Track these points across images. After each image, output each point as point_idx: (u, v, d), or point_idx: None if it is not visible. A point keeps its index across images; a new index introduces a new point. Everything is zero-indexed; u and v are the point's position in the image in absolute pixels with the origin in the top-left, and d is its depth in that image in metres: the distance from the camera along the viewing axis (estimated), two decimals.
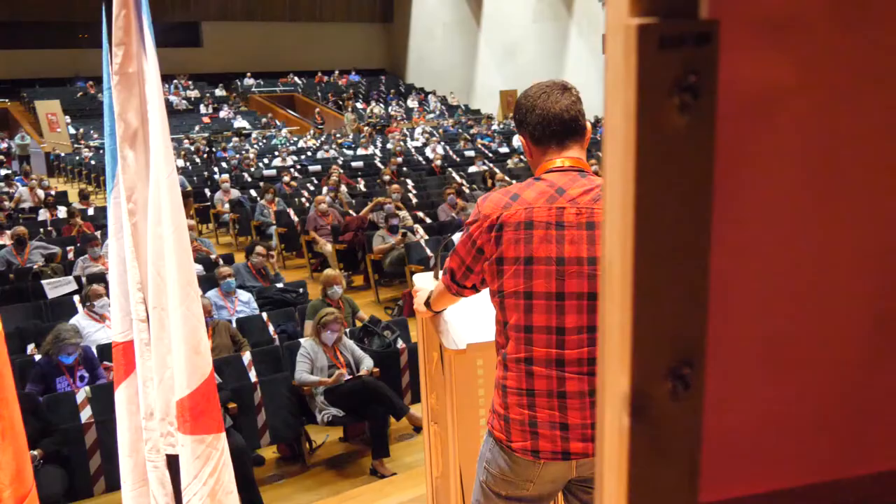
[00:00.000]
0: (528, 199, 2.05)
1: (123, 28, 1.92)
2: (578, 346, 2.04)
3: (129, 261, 2.01)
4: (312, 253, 10.81)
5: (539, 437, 2.07)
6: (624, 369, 0.46)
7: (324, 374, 5.59)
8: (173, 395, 1.99)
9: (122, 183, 1.99)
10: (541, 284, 2.03)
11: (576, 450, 2.07)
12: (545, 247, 2.02)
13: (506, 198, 2.09)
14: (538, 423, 2.07)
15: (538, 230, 2.03)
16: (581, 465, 2.11)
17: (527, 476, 2.12)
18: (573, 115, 2.12)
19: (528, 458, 2.09)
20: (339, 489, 5.12)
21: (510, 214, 2.05)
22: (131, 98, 1.97)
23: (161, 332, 1.98)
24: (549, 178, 2.09)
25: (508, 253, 2.05)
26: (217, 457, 2.01)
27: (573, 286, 2.02)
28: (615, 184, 0.44)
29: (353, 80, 33.98)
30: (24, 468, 1.79)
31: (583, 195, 2.05)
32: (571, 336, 2.04)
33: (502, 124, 26.31)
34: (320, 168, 16.44)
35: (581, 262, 2.02)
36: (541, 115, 2.10)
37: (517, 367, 2.08)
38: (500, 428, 2.14)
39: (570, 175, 2.09)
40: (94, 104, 28.27)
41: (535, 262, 2.03)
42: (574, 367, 2.05)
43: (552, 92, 2.11)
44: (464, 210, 10.86)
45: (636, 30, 0.41)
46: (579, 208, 2.04)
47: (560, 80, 2.17)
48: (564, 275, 2.02)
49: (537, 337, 2.05)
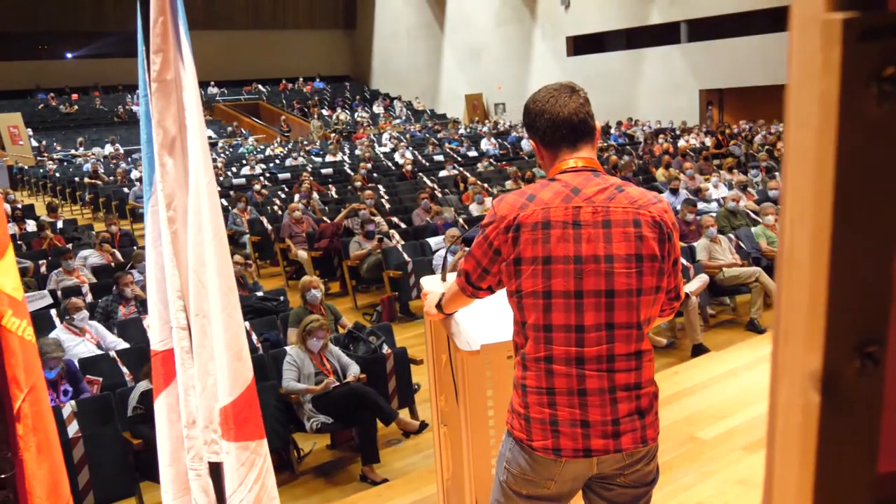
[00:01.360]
0: (544, 200, 2.08)
1: (161, 35, 1.90)
2: (598, 344, 2.07)
3: (169, 269, 2.00)
4: (287, 261, 10.75)
5: (560, 436, 2.09)
6: (814, 349, 0.48)
7: (311, 382, 5.57)
8: (216, 403, 1.98)
9: (160, 191, 1.98)
10: (559, 283, 2.05)
11: (597, 447, 2.09)
12: (563, 246, 2.05)
13: (522, 199, 2.11)
14: (559, 421, 2.09)
15: (555, 230, 2.05)
16: (602, 462, 2.13)
17: (548, 475, 2.14)
18: (582, 118, 2.15)
19: (549, 456, 2.11)
20: (329, 497, 5.10)
21: (527, 215, 2.07)
22: (169, 105, 1.96)
23: (203, 339, 1.97)
24: (564, 178, 2.13)
25: (526, 253, 2.07)
26: (261, 463, 2.00)
27: (591, 284, 2.05)
28: (807, 171, 0.46)
29: (317, 87, 33.89)
30: (60, 482, 1.77)
31: (598, 194, 2.08)
32: (590, 334, 2.06)
33: (469, 128, 26.39)
34: (290, 176, 16.37)
35: (598, 261, 2.05)
36: (550, 119, 2.14)
37: (537, 366, 2.10)
38: (521, 427, 2.15)
39: (583, 175, 2.12)
40: (55, 116, 27.89)
41: (553, 261, 2.05)
42: (594, 365, 2.07)
43: (560, 96, 2.14)
44: (439, 214, 10.87)
45: (840, 23, 0.44)
46: (595, 207, 2.07)
47: (567, 82, 2.19)
48: (582, 273, 2.05)
49: (556, 336, 2.07)
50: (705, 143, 18.98)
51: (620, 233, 2.06)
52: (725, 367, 6.15)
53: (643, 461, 2.17)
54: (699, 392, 5.64)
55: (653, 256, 2.08)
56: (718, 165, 14.40)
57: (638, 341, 2.11)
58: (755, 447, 4.66)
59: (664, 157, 15.60)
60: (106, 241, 9.95)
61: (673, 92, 23.99)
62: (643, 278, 2.08)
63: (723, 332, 7.76)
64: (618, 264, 2.05)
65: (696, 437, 4.86)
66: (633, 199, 2.10)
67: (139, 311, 7.22)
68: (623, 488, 2.20)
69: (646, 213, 2.09)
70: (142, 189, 11.44)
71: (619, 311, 2.07)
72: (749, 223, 9.23)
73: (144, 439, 4.87)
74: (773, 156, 15.77)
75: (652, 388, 2.17)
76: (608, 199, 2.08)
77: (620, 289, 2.06)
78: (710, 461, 4.52)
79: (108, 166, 20.04)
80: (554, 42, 27.69)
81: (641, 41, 25.56)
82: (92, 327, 6.49)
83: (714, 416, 5.16)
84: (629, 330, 2.09)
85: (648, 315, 2.13)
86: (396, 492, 4.56)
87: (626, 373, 2.10)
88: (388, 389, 6.03)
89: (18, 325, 1.70)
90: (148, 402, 4.99)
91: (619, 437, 2.09)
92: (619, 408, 2.09)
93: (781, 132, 19.62)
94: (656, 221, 2.10)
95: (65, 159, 23.29)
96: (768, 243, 8.31)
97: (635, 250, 2.07)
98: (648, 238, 2.08)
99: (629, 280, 2.06)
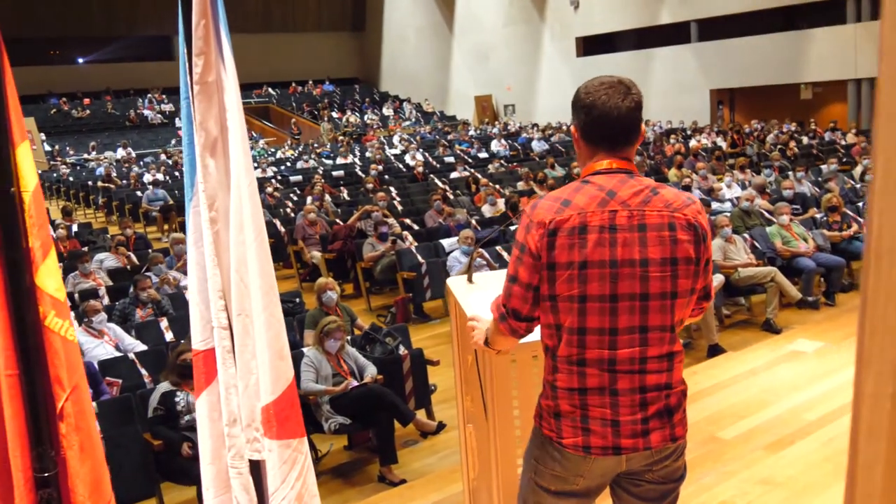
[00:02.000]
0: (580, 204, 2.07)
1: (203, 38, 1.92)
2: (630, 346, 2.07)
3: (211, 269, 2.02)
4: (301, 263, 10.79)
5: (590, 434, 2.11)
6: None
7: (328, 383, 5.59)
8: (258, 401, 2.00)
9: (202, 192, 2.00)
10: (595, 288, 2.05)
11: (626, 445, 2.11)
12: (599, 251, 2.04)
13: (557, 203, 2.09)
14: (589, 419, 2.11)
15: (592, 234, 2.04)
16: (630, 459, 2.14)
17: (577, 471, 2.16)
18: (630, 124, 2.11)
19: (578, 453, 2.12)
20: (348, 497, 5.11)
21: (563, 219, 2.06)
22: (211, 107, 1.98)
23: (245, 338, 1.99)
24: (597, 181, 2.11)
25: (561, 258, 2.06)
26: (302, 461, 2.02)
27: (626, 287, 2.05)
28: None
29: (327, 89, 33.96)
30: (101, 480, 1.79)
31: (633, 197, 2.08)
32: (623, 336, 2.07)
33: (479, 129, 26.40)
34: (301, 178, 16.41)
35: (634, 265, 2.05)
36: (597, 116, 2.10)
37: (569, 367, 2.11)
38: (551, 426, 2.17)
39: (618, 177, 2.11)
40: (67, 121, 28.05)
41: (589, 266, 2.04)
42: (626, 366, 2.08)
43: (613, 94, 2.08)
44: (451, 215, 10.88)
45: None
46: (631, 211, 2.06)
47: (625, 79, 2.13)
48: (618, 277, 2.05)
49: (590, 339, 2.08)
50: (717, 143, 18.94)
51: (655, 236, 2.06)
52: (745, 366, 6.14)
53: (671, 457, 2.18)
54: (719, 392, 5.63)
55: (688, 259, 2.09)
56: (731, 165, 14.35)
57: (670, 343, 2.11)
58: (776, 447, 4.66)
59: (676, 157, 15.58)
60: (121, 244, 10.01)
61: (683, 92, 23.95)
62: (678, 281, 2.08)
63: (738, 332, 7.74)
64: (653, 268, 2.05)
65: (716, 437, 4.86)
66: (667, 201, 2.10)
67: (156, 313, 7.26)
68: (651, 484, 2.21)
69: (680, 216, 2.09)
70: (154, 192, 11.54)
71: (652, 315, 2.07)
72: (763, 223, 9.21)
73: (165, 440, 4.90)
74: (785, 155, 15.73)
75: (681, 386, 2.18)
76: (643, 203, 2.07)
77: (655, 292, 2.06)
78: (731, 461, 4.52)
79: (121, 170, 20.13)
80: (563, 43, 27.68)
81: (651, 41, 25.53)
82: (110, 329, 6.53)
83: (734, 416, 5.16)
84: (662, 333, 2.09)
85: (681, 317, 2.14)
86: (418, 492, 4.57)
87: (658, 374, 2.11)
88: (404, 390, 6.04)
89: (61, 325, 1.72)
90: (168, 403, 5.03)
91: (649, 435, 2.11)
92: (648, 408, 2.10)
93: (794, 131, 19.55)
94: (691, 224, 2.09)
95: (77, 163, 23.42)
96: (784, 243, 8.29)
97: (670, 254, 2.07)
98: (683, 241, 2.07)
99: (664, 284, 2.06)
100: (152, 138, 27.67)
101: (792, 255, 8.20)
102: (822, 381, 5.67)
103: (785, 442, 4.73)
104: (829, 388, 5.53)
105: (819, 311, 7.97)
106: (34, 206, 1.74)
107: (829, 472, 4.31)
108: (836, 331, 6.95)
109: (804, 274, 8.09)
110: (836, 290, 8.29)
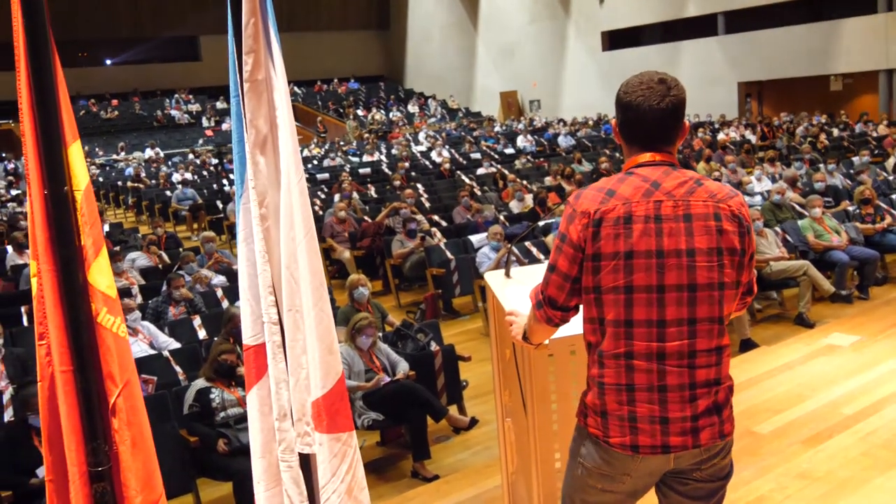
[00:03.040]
0: (624, 195, 2.06)
1: (253, 36, 1.94)
2: (679, 339, 2.05)
3: (261, 264, 2.04)
4: (330, 260, 10.84)
5: (639, 432, 2.08)
6: None
7: (361, 379, 5.61)
8: (309, 396, 2.02)
9: (252, 189, 2.02)
10: (641, 278, 2.03)
11: (675, 443, 2.08)
12: (645, 240, 2.03)
13: (601, 194, 2.08)
14: (637, 417, 2.08)
15: (637, 224, 2.03)
16: (679, 458, 2.12)
17: (624, 470, 2.14)
18: (667, 125, 2.11)
19: (626, 452, 2.10)
20: (382, 493, 5.12)
21: (608, 209, 2.05)
22: (261, 105, 2.00)
23: (296, 333, 2.01)
24: (641, 172, 2.10)
25: (607, 248, 2.04)
26: (352, 454, 2.05)
27: (673, 278, 2.03)
28: None
29: (352, 87, 34.07)
30: (153, 474, 1.82)
31: (678, 188, 2.07)
32: (672, 328, 2.05)
33: (504, 125, 26.36)
34: (328, 176, 16.48)
35: (680, 255, 2.03)
36: (635, 116, 2.10)
37: (616, 362, 2.08)
38: (597, 424, 2.14)
39: (661, 169, 2.10)
40: (96, 122, 28.38)
41: (635, 256, 2.03)
42: (675, 360, 2.06)
43: (652, 95, 2.07)
44: (479, 212, 10.88)
45: None
46: (676, 201, 2.05)
47: (666, 77, 2.11)
48: (664, 267, 2.03)
49: (637, 331, 2.06)
50: (745, 137, 18.76)
51: (702, 226, 2.04)
52: (780, 361, 6.09)
53: (720, 455, 2.16)
54: (754, 386, 5.59)
55: (732, 250, 2.07)
56: (760, 159, 14.21)
57: (719, 336, 2.09)
58: (814, 441, 4.61)
59: (705, 150, 15.45)
60: (152, 243, 10.11)
61: (711, 85, 23.74)
62: (724, 271, 2.06)
63: (770, 326, 7.67)
64: (699, 258, 2.04)
65: (753, 432, 4.82)
66: (712, 192, 2.08)
67: (189, 311, 7.33)
68: (699, 482, 2.18)
69: (725, 206, 2.07)
70: (183, 192, 11.65)
71: (701, 306, 2.05)
72: (794, 216, 9.12)
73: (200, 437, 4.95)
74: (816, 148, 15.54)
75: (729, 382, 2.16)
76: (688, 193, 2.06)
77: (702, 283, 2.04)
78: (768, 455, 4.48)
79: (149, 170, 20.34)
80: (588, 37, 27.55)
81: (678, 34, 25.33)
82: (144, 327, 6.60)
83: (771, 411, 5.11)
84: (711, 325, 2.07)
85: (729, 310, 2.12)
86: (454, 487, 4.57)
87: (707, 368, 2.08)
88: (436, 386, 6.06)
89: (113, 322, 1.75)
90: (203, 400, 5.07)
91: (698, 434, 2.08)
92: (698, 404, 2.07)
93: (824, 123, 19.31)
94: (735, 215, 2.08)
95: (107, 164, 23.67)
96: (816, 236, 8.21)
97: (717, 244, 2.05)
98: (729, 232, 2.06)
99: (711, 274, 2.04)
100: (180, 138, 27.92)
101: (824, 249, 8.11)
102: (859, 375, 5.61)
103: (823, 436, 4.68)
104: (866, 382, 5.47)
105: (853, 305, 7.88)
106: (86, 204, 1.77)
107: (868, 467, 4.26)
108: (872, 324, 6.87)
109: (837, 267, 8.00)
110: (869, 283, 8.19)
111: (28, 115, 1.72)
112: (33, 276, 1.76)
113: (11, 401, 5.30)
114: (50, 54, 1.74)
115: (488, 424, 5.83)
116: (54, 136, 1.70)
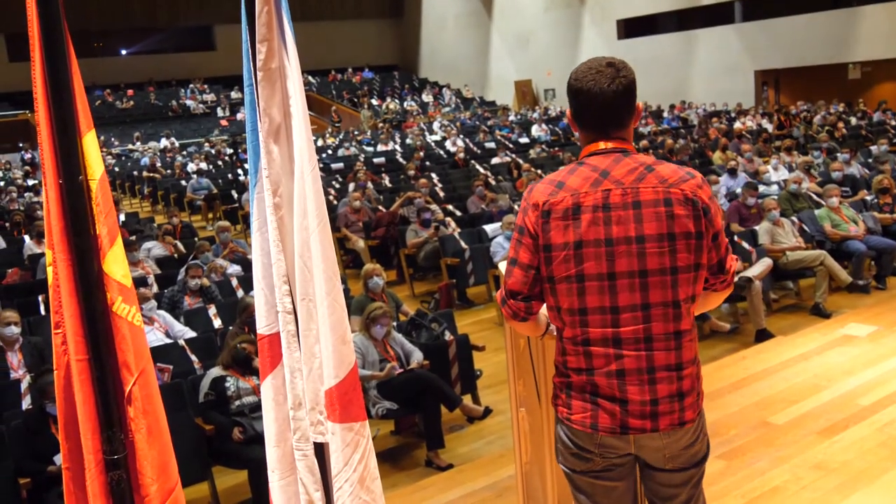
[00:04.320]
0: (573, 186, 2.10)
1: (266, 25, 1.95)
2: (634, 324, 2.09)
3: (275, 254, 2.05)
4: (344, 250, 10.87)
5: (599, 412, 2.13)
6: None
7: (375, 369, 5.63)
8: (322, 385, 2.04)
9: (265, 178, 2.03)
10: (591, 267, 2.07)
11: (634, 425, 2.12)
12: (594, 230, 2.06)
13: (551, 186, 2.13)
14: (599, 399, 2.13)
15: (585, 214, 2.07)
16: (639, 440, 2.14)
17: (588, 447, 2.17)
18: (617, 107, 2.12)
19: (586, 430, 2.15)
20: (396, 482, 5.15)
21: (556, 201, 2.09)
22: (274, 94, 2.01)
23: (309, 322, 2.02)
24: (592, 161, 2.14)
25: (556, 239, 2.09)
26: (364, 444, 2.06)
27: (623, 265, 2.07)
28: None
29: (366, 76, 34.04)
30: (169, 463, 1.84)
31: (627, 175, 2.09)
32: (626, 314, 2.08)
33: (519, 115, 26.28)
34: (343, 165, 16.49)
35: (630, 242, 2.06)
36: (585, 101, 2.12)
37: (575, 348, 2.14)
38: (562, 403, 2.21)
39: (612, 156, 2.13)
40: (112, 112, 28.51)
41: (584, 245, 2.07)
42: (631, 346, 2.09)
43: (600, 78, 2.10)
44: (494, 201, 10.87)
45: None
46: (624, 189, 2.08)
47: (614, 60, 2.12)
48: (614, 255, 2.06)
49: (592, 318, 2.10)
50: (762, 125, 18.63)
51: (651, 213, 2.06)
52: (796, 351, 6.05)
53: (689, 446, 2.19)
54: (769, 377, 5.56)
55: (687, 234, 2.07)
56: (777, 148, 14.11)
57: (676, 321, 2.11)
58: (830, 432, 4.59)
59: (721, 139, 15.35)
60: (168, 233, 10.17)
61: (727, 73, 23.58)
62: (677, 256, 2.07)
63: (786, 316, 7.64)
64: (649, 244, 2.06)
65: (768, 422, 4.80)
66: (663, 177, 2.09)
67: (204, 300, 7.37)
68: (673, 472, 2.22)
69: (677, 191, 2.08)
70: (198, 181, 11.70)
71: (653, 291, 2.08)
72: (811, 205, 9.06)
73: (216, 425, 4.98)
74: (833, 137, 15.42)
75: (693, 368, 2.18)
76: (637, 180, 2.08)
77: (654, 268, 2.07)
78: (784, 446, 4.46)
79: (165, 160, 20.42)
80: (603, 26, 27.41)
81: (694, 22, 25.16)
82: (160, 316, 6.64)
83: (786, 401, 5.09)
84: (665, 309, 2.09)
85: (689, 293, 2.12)
86: (468, 476, 4.58)
87: (666, 352, 2.11)
88: (450, 376, 6.07)
89: (128, 311, 1.76)
90: (219, 388, 5.10)
91: (658, 419, 2.11)
92: (657, 388, 2.10)
93: (842, 112, 19.14)
94: (688, 198, 2.08)
95: (122, 154, 23.79)
96: (833, 225, 8.15)
97: (667, 229, 2.06)
98: (681, 216, 2.07)
99: (662, 259, 2.06)
100: (195, 128, 28.01)
101: (842, 238, 8.06)
102: (877, 366, 5.57)
103: (839, 427, 4.66)
104: (883, 373, 5.43)
105: (870, 295, 7.83)
106: (101, 193, 1.78)
107: (885, 458, 4.24)
108: (889, 314, 6.82)
109: (854, 257, 7.95)
110: (887, 273, 8.13)
111: (43, 104, 1.73)
112: (49, 266, 1.77)
113: (29, 389, 5.35)
114: (64, 44, 1.74)
115: (502, 414, 5.84)
116: (69, 125, 1.70)
